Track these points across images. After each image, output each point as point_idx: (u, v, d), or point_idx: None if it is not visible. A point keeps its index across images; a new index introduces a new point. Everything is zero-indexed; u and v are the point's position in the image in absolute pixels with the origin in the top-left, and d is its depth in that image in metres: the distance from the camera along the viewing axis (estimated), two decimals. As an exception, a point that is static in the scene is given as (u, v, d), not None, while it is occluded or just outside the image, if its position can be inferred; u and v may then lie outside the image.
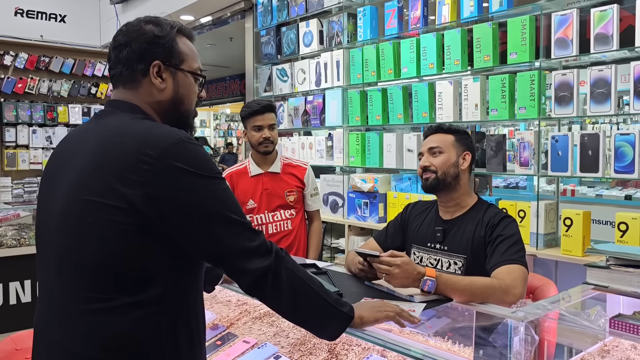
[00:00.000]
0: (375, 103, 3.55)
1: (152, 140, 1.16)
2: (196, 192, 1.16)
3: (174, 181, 1.14)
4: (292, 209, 2.85)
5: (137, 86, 1.29)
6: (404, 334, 1.76)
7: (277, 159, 2.86)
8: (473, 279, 1.86)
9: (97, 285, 1.15)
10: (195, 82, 1.36)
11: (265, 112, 2.72)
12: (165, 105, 1.32)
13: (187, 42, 1.35)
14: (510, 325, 1.57)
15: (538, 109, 2.70)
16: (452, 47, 3.06)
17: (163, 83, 1.29)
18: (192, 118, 1.39)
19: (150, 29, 1.28)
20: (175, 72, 1.30)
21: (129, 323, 1.16)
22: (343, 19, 3.73)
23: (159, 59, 1.27)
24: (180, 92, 1.32)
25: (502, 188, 6.25)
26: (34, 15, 5.77)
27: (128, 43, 1.27)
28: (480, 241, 1.99)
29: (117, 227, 1.13)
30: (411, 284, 1.73)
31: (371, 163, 3.60)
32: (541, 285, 2.33)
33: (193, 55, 1.35)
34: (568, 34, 2.58)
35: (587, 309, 1.62)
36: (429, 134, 2.13)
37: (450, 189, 2.05)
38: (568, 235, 2.58)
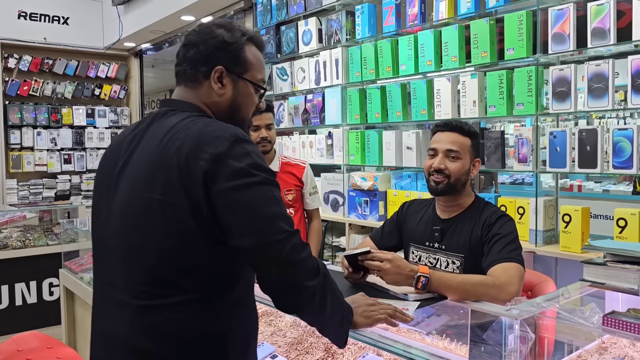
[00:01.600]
0: (374, 101, 3.54)
1: (209, 138, 1.17)
2: (247, 192, 1.14)
3: (228, 179, 1.13)
4: (291, 208, 2.85)
5: (198, 86, 1.31)
6: (400, 332, 1.75)
7: (275, 158, 2.86)
8: (467, 277, 1.85)
9: (157, 282, 1.18)
10: (255, 93, 1.36)
11: (263, 112, 2.72)
12: (221, 110, 1.33)
13: (256, 51, 1.36)
14: (505, 323, 1.56)
15: (536, 105, 2.68)
16: (450, 44, 3.04)
17: (222, 89, 1.31)
18: (247, 127, 1.40)
19: (221, 34, 1.30)
20: (237, 79, 1.32)
21: (189, 319, 1.18)
22: (341, 17, 3.73)
23: (223, 64, 1.29)
24: (239, 100, 1.33)
25: (508, 184, 6.22)
26: (37, 18, 5.81)
27: (197, 44, 1.30)
28: (477, 240, 1.97)
29: (176, 225, 1.15)
30: (404, 281, 1.72)
31: (371, 161, 3.59)
32: (539, 282, 2.32)
33: (258, 66, 1.36)
34: (565, 28, 2.56)
35: (585, 306, 1.61)
36: (445, 130, 2.02)
37: (456, 194, 2.03)
38: (567, 231, 2.56)
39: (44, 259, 4.52)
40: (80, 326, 3.66)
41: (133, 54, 6.52)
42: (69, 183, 6.04)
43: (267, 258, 1.16)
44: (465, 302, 1.73)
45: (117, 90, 6.42)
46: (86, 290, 3.33)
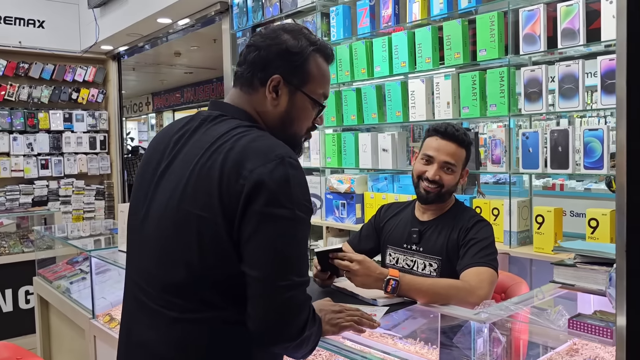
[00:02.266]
0: (350, 103, 3.52)
1: (254, 155, 1.11)
2: (272, 224, 1.09)
3: (262, 204, 1.09)
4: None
5: (252, 92, 1.25)
6: (373, 336, 1.74)
7: None
8: (436, 280, 1.84)
9: (190, 296, 1.15)
10: (313, 108, 1.28)
11: None
12: (272, 121, 1.26)
13: (322, 63, 1.28)
14: (473, 327, 1.55)
15: (508, 106, 2.67)
16: (423, 45, 3.03)
17: (277, 99, 1.24)
18: (301, 141, 1.33)
19: (285, 40, 1.23)
20: (295, 91, 1.24)
21: (217, 336, 1.17)
22: (317, 19, 3.70)
23: (282, 73, 1.23)
24: (293, 113, 1.26)
25: (492, 184, 6.24)
26: (12, 22, 5.71)
27: (260, 47, 1.24)
28: (454, 244, 1.97)
29: (212, 242, 1.12)
30: (373, 284, 1.70)
31: (347, 163, 3.57)
32: (513, 284, 2.31)
33: (321, 79, 1.28)
34: (536, 29, 2.56)
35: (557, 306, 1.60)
36: (445, 138, 1.96)
37: (442, 201, 2.03)
38: (540, 232, 2.56)
39: (20, 267, 4.45)
40: (56, 335, 3.60)
41: (111, 57, 6.44)
42: (47, 189, 5.95)
43: (261, 296, 1.12)
44: (435, 306, 1.72)
45: (95, 94, 6.33)
46: (60, 299, 3.27)
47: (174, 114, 15.01)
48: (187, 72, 11.80)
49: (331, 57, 1.32)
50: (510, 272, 2.78)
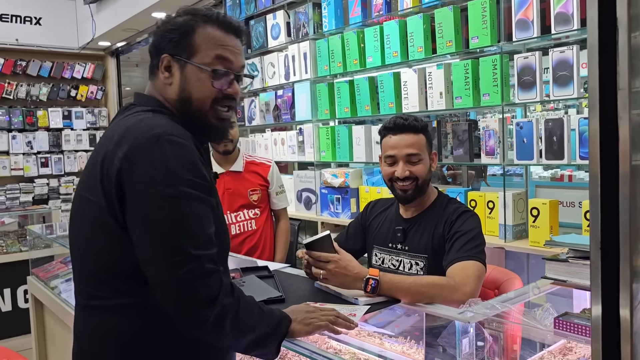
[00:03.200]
0: (342, 95, 3.44)
1: (131, 136, 1.10)
2: (154, 204, 1.07)
3: (137, 183, 1.07)
4: (256, 209, 2.75)
5: (155, 78, 1.25)
6: (360, 336, 1.68)
7: (239, 157, 2.77)
8: (419, 278, 1.76)
9: (94, 283, 1.16)
10: (211, 77, 1.21)
11: None
12: (174, 101, 1.23)
13: (212, 31, 1.21)
14: (458, 327, 1.48)
15: (501, 95, 2.58)
16: (415, 34, 2.94)
17: (170, 78, 1.22)
18: (210, 118, 1.24)
19: (169, 20, 1.24)
20: (185, 65, 1.20)
21: (125, 323, 1.15)
22: (308, 9, 3.62)
23: (169, 51, 1.21)
24: (187, 88, 1.21)
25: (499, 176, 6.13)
26: (8, 19, 5.68)
27: (153, 34, 1.26)
28: (439, 239, 1.89)
29: (101, 226, 1.12)
30: (351, 284, 1.64)
31: (342, 157, 3.50)
32: (506, 280, 2.23)
33: (211, 46, 1.21)
34: (529, 14, 2.46)
35: (551, 304, 1.53)
36: (398, 132, 1.88)
37: (423, 194, 1.94)
38: (535, 226, 2.47)
39: (18, 266, 4.42)
40: (51, 335, 3.57)
41: (109, 54, 6.40)
42: (47, 187, 5.93)
43: (157, 279, 1.08)
44: (419, 305, 1.65)
45: (94, 91, 6.30)
46: (52, 299, 3.24)
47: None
48: (190, 67, 11.74)
49: (225, 23, 1.24)
50: (507, 267, 2.70)
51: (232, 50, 1.24)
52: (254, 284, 1.82)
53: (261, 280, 1.86)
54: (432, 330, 1.59)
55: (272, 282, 1.88)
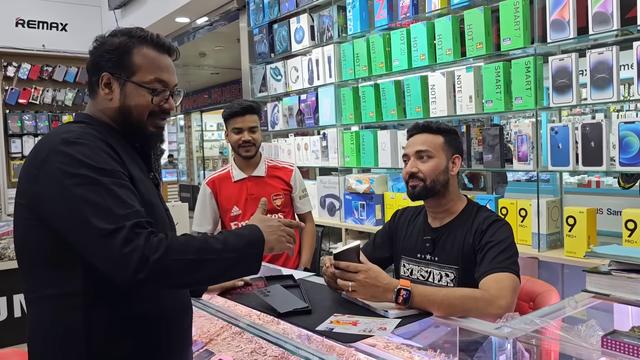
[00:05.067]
0: (368, 99, 3.37)
1: (42, 143, 1.22)
2: (69, 190, 1.15)
3: (51, 178, 1.17)
4: (280, 213, 2.69)
5: (95, 97, 1.35)
6: (388, 349, 1.60)
7: (261, 162, 2.71)
8: (451, 290, 1.68)
9: (26, 278, 1.26)
10: (150, 94, 1.34)
11: (246, 114, 2.57)
12: (115, 114, 1.34)
13: (150, 52, 1.34)
14: (495, 343, 1.40)
15: (535, 99, 2.48)
16: (444, 36, 2.86)
17: (110, 94, 1.32)
18: (148, 128, 1.37)
19: (108, 40, 1.33)
20: (125, 83, 1.32)
21: (47, 315, 1.23)
22: (333, 12, 3.56)
23: (109, 70, 1.31)
24: (127, 103, 1.33)
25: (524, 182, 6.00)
26: (35, 25, 5.75)
27: (91, 53, 1.35)
28: (470, 249, 1.80)
29: (24, 223, 1.23)
30: (382, 295, 1.56)
31: (366, 163, 3.42)
32: (542, 292, 2.12)
33: (150, 67, 1.33)
34: (564, 15, 2.36)
35: (590, 320, 1.43)
36: (414, 133, 1.91)
37: (438, 196, 1.86)
38: (571, 235, 2.36)
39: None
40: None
41: (133, 59, 6.45)
42: (71, 191, 5.98)
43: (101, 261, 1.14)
44: (452, 319, 1.57)
45: (119, 96, 6.34)
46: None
47: (202, 115, 15.11)
48: (213, 73, 11.83)
49: (160, 45, 1.36)
50: (540, 277, 2.59)
51: (168, 71, 1.37)
52: (279, 293, 1.76)
53: (287, 290, 1.80)
54: (466, 346, 1.51)
55: (297, 292, 1.82)
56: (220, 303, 1.87)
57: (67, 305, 1.21)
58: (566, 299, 1.72)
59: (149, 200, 1.29)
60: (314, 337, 1.53)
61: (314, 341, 1.52)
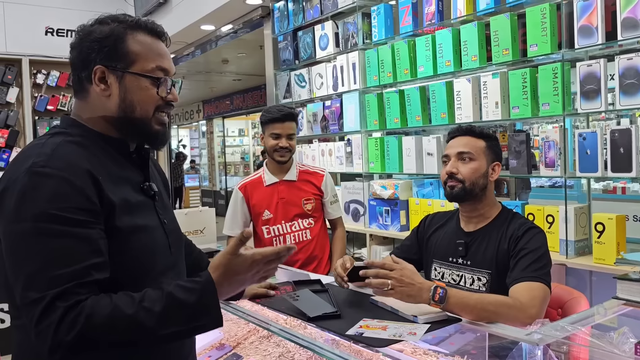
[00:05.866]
0: (392, 105, 3.38)
1: (14, 164, 1.10)
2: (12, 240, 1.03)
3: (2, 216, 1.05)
4: (310, 218, 2.69)
5: (86, 96, 1.18)
6: (416, 354, 1.61)
7: (292, 166, 2.71)
8: (484, 295, 1.69)
9: (11, 304, 1.15)
10: (153, 85, 1.19)
11: (286, 121, 2.57)
12: (114, 113, 1.17)
13: (145, 38, 1.19)
14: (525, 349, 1.40)
15: (563, 105, 2.47)
16: (469, 42, 2.86)
17: (107, 90, 1.15)
18: (154, 125, 1.21)
19: (95, 29, 1.16)
20: (123, 75, 1.16)
21: (25, 343, 1.13)
22: (358, 19, 3.59)
23: (102, 62, 1.14)
24: (129, 97, 1.17)
25: (547, 188, 5.94)
26: (64, 34, 5.89)
27: (75, 47, 1.18)
28: (504, 255, 1.81)
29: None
30: (417, 293, 1.55)
31: (391, 168, 3.43)
32: (571, 299, 2.11)
33: (149, 54, 1.18)
34: (592, 20, 2.35)
35: (620, 327, 1.43)
36: (457, 135, 1.92)
37: (476, 200, 1.87)
38: (600, 242, 2.34)
39: None
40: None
41: (159, 66, 6.55)
42: (98, 196, 6.08)
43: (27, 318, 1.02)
44: (483, 325, 1.57)
45: (144, 103, 6.45)
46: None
47: (224, 121, 15.24)
48: (235, 79, 11.94)
49: (154, 30, 1.21)
50: (568, 284, 2.57)
51: (167, 57, 1.22)
52: (308, 298, 1.78)
53: (315, 294, 1.81)
54: (495, 352, 1.51)
55: (326, 296, 1.84)
56: (248, 307, 1.90)
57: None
58: (595, 306, 1.72)
59: (132, 227, 1.14)
60: (341, 341, 1.55)
61: (342, 345, 1.54)
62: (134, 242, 1.14)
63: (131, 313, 1.01)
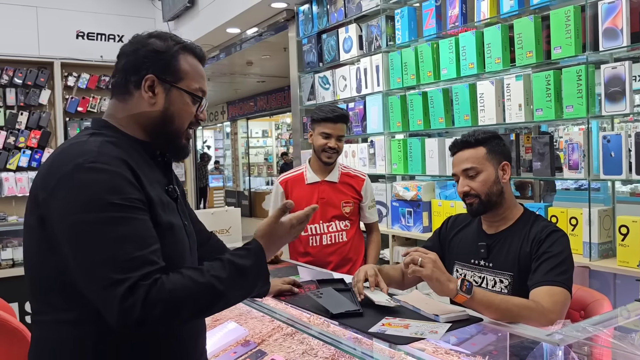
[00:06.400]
0: (415, 107, 3.40)
1: (55, 164, 1.16)
2: (76, 231, 1.09)
3: (60, 210, 1.11)
4: (347, 220, 2.71)
5: (128, 98, 1.27)
6: (437, 354, 1.64)
7: (335, 167, 2.74)
8: (508, 297, 1.71)
9: (35, 300, 1.22)
10: (193, 103, 1.30)
11: (338, 122, 2.60)
12: (153, 120, 1.27)
13: (193, 61, 1.31)
14: (546, 350, 1.42)
15: (587, 107, 2.47)
16: (493, 45, 2.87)
17: (153, 98, 1.26)
18: (183, 139, 1.33)
19: (153, 42, 1.27)
20: (170, 88, 1.27)
21: (59, 340, 1.18)
22: (381, 22, 3.62)
23: (154, 73, 1.25)
24: (171, 109, 1.27)
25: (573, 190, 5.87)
26: (94, 37, 6.03)
27: (129, 53, 1.27)
28: (526, 257, 1.82)
29: (35, 243, 1.17)
30: (445, 282, 1.57)
31: (414, 170, 3.45)
32: (593, 301, 2.11)
33: (195, 75, 1.30)
34: (617, 23, 2.34)
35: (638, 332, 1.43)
36: (456, 151, 1.91)
37: (497, 206, 1.89)
38: (624, 244, 2.33)
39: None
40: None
41: (185, 68, 6.66)
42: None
43: (101, 305, 1.08)
44: (504, 325, 1.60)
45: (171, 104, 6.55)
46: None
47: (248, 122, 15.38)
48: (259, 81, 12.05)
49: (201, 56, 1.34)
50: (591, 287, 2.56)
51: (206, 80, 1.35)
52: (332, 296, 1.82)
53: (338, 293, 1.85)
54: (518, 352, 1.53)
55: (349, 295, 1.88)
56: (273, 305, 1.95)
57: (79, 331, 1.16)
58: (618, 308, 1.72)
59: (168, 223, 1.22)
60: (364, 339, 1.59)
61: (364, 343, 1.57)
62: (169, 238, 1.22)
63: (205, 282, 1.13)
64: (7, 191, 5.28)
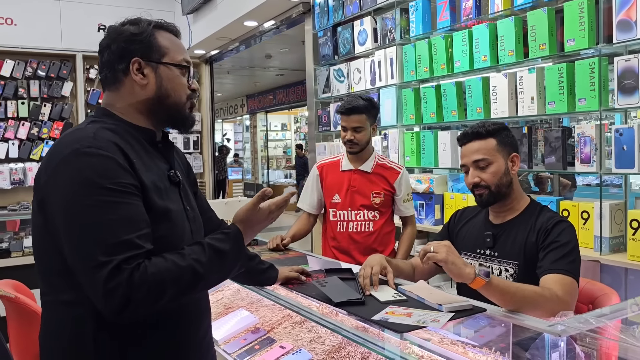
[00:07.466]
0: (429, 100, 3.41)
1: (55, 150, 1.21)
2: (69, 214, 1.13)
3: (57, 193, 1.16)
4: (376, 211, 2.73)
5: (120, 87, 1.32)
6: (443, 344, 1.66)
7: (370, 157, 2.76)
8: (523, 285, 1.71)
9: (42, 281, 1.27)
10: (182, 75, 1.35)
11: (351, 114, 2.63)
12: (151, 103, 1.32)
13: (169, 36, 1.36)
14: (548, 340, 1.43)
15: (599, 100, 2.45)
16: (506, 37, 2.86)
17: (145, 79, 1.30)
18: (186, 111, 1.38)
19: (127, 29, 1.31)
20: (157, 66, 1.31)
21: (56, 320, 1.24)
22: (396, 15, 3.62)
23: (139, 55, 1.29)
24: (164, 85, 1.32)
25: (594, 186, 5.81)
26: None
27: (108, 45, 1.32)
28: (532, 247, 1.83)
29: (39, 228, 1.23)
30: (462, 265, 1.58)
31: (426, 163, 3.46)
32: (602, 295, 2.11)
33: (176, 48, 1.35)
34: (631, 14, 2.32)
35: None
36: (466, 142, 1.92)
37: (505, 197, 1.91)
38: (635, 239, 2.32)
39: None
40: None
41: (204, 61, 6.73)
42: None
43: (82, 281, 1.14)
44: (507, 316, 1.61)
45: (189, 97, 6.63)
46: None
47: (267, 115, 15.46)
48: (278, 75, 12.10)
49: (174, 30, 1.39)
50: (602, 281, 2.55)
51: (187, 52, 1.40)
52: (335, 285, 1.85)
53: (343, 282, 1.88)
54: (521, 342, 1.54)
55: (353, 284, 1.90)
56: (284, 293, 1.98)
57: (80, 311, 1.19)
58: (627, 300, 1.72)
59: (163, 208, 1.25)
60: (370, 328, 1.61)
61: (370, 332, 1.60)
62: (165, 223, 1.26)
63: (186, 265, 1.17)
64: (30, 181, 5.42)
